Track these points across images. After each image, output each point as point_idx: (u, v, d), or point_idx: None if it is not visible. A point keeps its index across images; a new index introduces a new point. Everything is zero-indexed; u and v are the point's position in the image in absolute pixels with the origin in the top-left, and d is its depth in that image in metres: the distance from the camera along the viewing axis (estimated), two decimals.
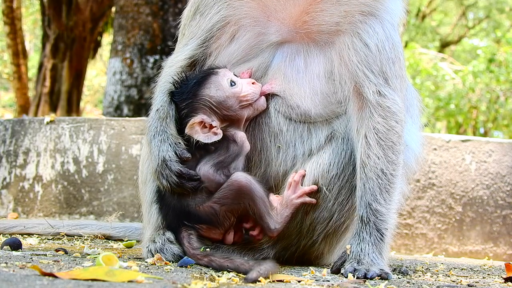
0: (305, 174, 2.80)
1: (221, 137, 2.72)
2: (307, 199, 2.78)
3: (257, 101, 2.82)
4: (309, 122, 2.86)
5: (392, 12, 2.82)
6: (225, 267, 2.40)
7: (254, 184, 2.66)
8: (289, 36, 2.84)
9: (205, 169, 2.68)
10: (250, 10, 2.86)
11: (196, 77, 2.81)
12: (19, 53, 15.71)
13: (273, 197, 2.77)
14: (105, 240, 3.82)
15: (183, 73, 2.89)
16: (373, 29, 2.76)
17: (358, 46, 2.76)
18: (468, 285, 2.54)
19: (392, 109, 2.77)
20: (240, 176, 2.66)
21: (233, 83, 2.80)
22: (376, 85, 2.76)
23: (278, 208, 2.74)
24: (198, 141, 2.71)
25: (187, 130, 2.71)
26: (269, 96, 2.86)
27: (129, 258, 2.77)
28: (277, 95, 2.86)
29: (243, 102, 2.79)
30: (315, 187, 2.79)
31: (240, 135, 2.79)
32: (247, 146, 2.79)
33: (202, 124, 2.72)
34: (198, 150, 2.72)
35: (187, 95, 2.77)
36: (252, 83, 2.82)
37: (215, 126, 2.73)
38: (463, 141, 5.08)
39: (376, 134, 2.76)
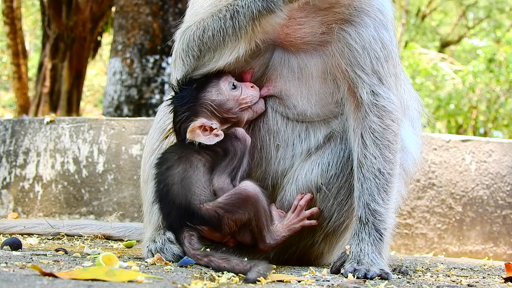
0: (312, 198, 2.81)
1: (222, 137, 2.73)
2: (307, 222, 2.81)
3: (256, 104, 2.84)
4: (307, 122, 2.87)
5: (377, 13, 2.81)
6: (222, 267, 2.41)
7: (261, 195, 2.67)
8: (278, 43, 2.86)
9: (222, 180, 2.70)
10: None
11: (197, 81, 2.82)
12: (19, 53, 15.71)
13: (275, 211, 2.81)
14: (105, 240, 3.82)
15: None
16: (356, 33, 2.77)
17: (344, 51, 2.77)
18: (468, 285, 2.54)
19: (388, 108, 2.78)
20: (249, 186, 2.67)
21: (233, 87, 2.81)
22: (370, 85, 2.76)
23: (278, 226, 2.77)
24: (200, 142, 2.72)
25: (188, 135, 2.72)
26: (266, 97, 2.87)
27: (129, 258, 2.77)
28: (274, 96, 2.87)
29: (243, 104, 2.81)
30: (315, 209, 2.81)
31: (241, 131, 2.81)
32: (248, 140, 2.82)
33: (203, 127, 2.73)
34: (207, 151, 2.73)
35: (188, 98, 2.78)
36: (251, 87, 2.84)
37: (216, 128, 2.74)
38: (463, 141, 5.09)
39: (372, 133, 2.76)
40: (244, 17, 2.68)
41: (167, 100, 2.88)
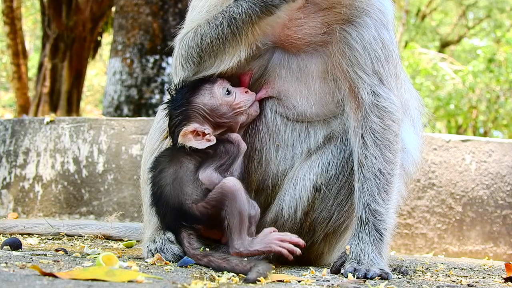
0: (304, 246, 2.60)
1: (214, 143, 2.74)
2: (285, 252, 2.54)
3: (250, 107, 2.84)
4: (307, 122, 2.87)
5: (377, 13, 2.81)
6: (222, 267, 2.41)
7: (241, 194, 2.60)
8: (279, 45, 2.86)
9: (208, 172, 2.69)
10: None
11: (190, 84, 2.82)
12: (19, 53, 15.72)
13: (268, 230, 2.61)
14: (105, 240, 3.82)
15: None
16: (356, 33, 2.77)
17: (345, 51, 2.77)
18: (468, 285, 2.54)
19: (388, 108, 2.78)
20: (230, 180, 2.63)
21: (227, 92, 2.82)
22: (370, 86, 2.77)
23: (257, 239, 2.58)
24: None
25: (180, 139, 2.73)
26: (265, 98, 2.88)
27: (129, 258, 2.77)
28: (273, 97, 2.87)
29: (237, 109, 2.81)
30: (302, 242, 2.56)
31: (234, 136, 2.81)
32: (243, 146, 2.81)
33: (195, 132, 2.74)
34: (197, 153, 2.73)
35: (181, 102, 2.79)
36: (245, 92, 2.84)
37: (208, 133, 2.74)
38: (463, 141, 5.09)
39: (373, 134, 2.76)
40: (242, 23, 2.69)
41: (164, 104, 2.90)
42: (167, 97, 2.91)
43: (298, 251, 2.56)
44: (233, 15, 2.70)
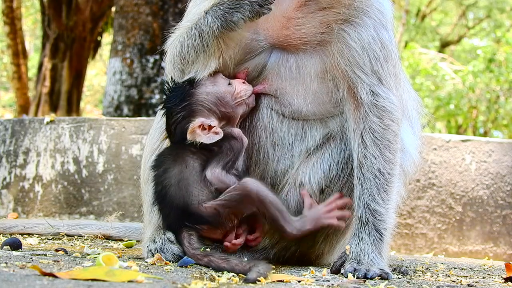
0: (345, 200, 2.79)
1: (222, 135, 2.74)
2: (336, 222, 2.75)
3: (249, 98, 2.85)
4: (304, 120, 2.87)
5: (376, 13, 2.82)
6: (222, 268, 2.41)
7: (263, 190, 2.66)
8: (277, 44, 2.86)
9: (217, 172, 2.69)
10: None
11: (188, 80, 2.83)
12: (19, 53, 15.71)
13: (307, 198, 2.78)
14: (105, 240, 3.82)
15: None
16: (355, 33, 2.78)
17: (344, 51, 2.78)
18: (468, 285, 2.54)
19: (388, 108, 2.78)
20: (249, 182, 2.66)
21: (228, 83, 2.83)
22: (369, 86, 2.77)
23: (304, 218, 2.73)
24: (201, 143, 2.72)
25: (189, 136, 2.73)
26: (262, 95, 2.88)
27: (129, 258, 2.77)
28: (270, 94, 2.88)
29: (238, 99, 2.82)
30: (348, 213, 2.78)
31: (237, 130, 2.82)
32: (245, 140, 2.82)
33: (202, 126, 2.74)
34: (202, 151, 2.73)
35: (182, 96, 2.78)
36: (243, 83, 2.86)
37: (215, 126, 2.74)
38: (463, 141, 5.09)
39: (372, 134, 2.77)
40: (208, 36, 2.76)
41: (161, 103, 2.91)
42: (164, 97, 2.92)
43: (347, 214, 2.79)
44: (201, 27, 2.77)
